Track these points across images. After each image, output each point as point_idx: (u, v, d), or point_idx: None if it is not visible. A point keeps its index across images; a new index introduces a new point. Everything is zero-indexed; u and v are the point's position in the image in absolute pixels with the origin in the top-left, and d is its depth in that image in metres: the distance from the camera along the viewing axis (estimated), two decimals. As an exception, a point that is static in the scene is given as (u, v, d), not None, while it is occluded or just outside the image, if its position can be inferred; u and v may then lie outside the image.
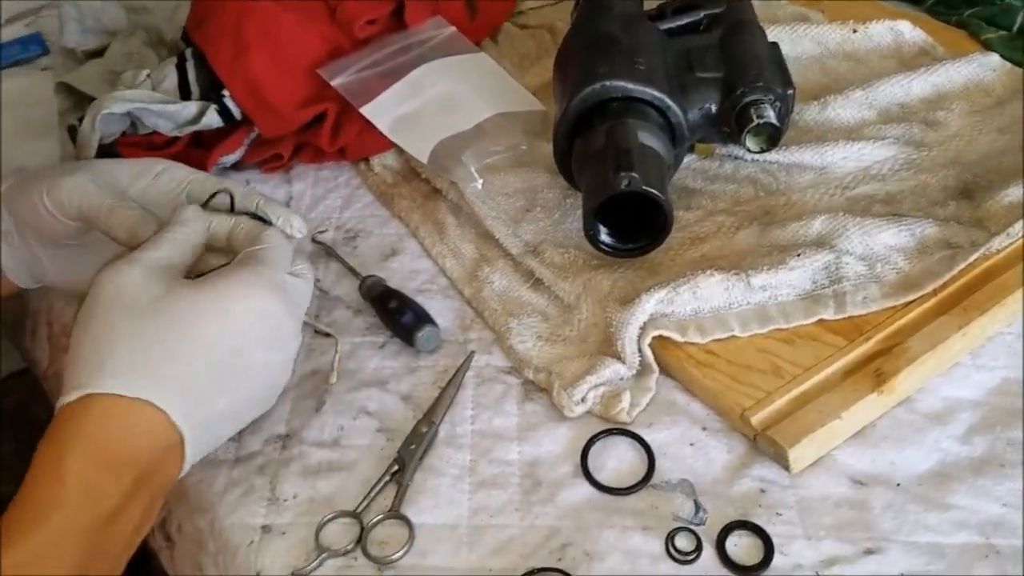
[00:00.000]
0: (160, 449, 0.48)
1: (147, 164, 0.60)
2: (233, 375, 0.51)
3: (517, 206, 0.71)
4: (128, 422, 0.47)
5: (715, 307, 0.59)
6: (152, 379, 0.48)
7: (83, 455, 0.46)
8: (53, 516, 0.45)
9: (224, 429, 0.53)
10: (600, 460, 0.55)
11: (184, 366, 0.49)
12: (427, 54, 0.80)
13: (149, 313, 0.49)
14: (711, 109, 0.66)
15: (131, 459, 0.47)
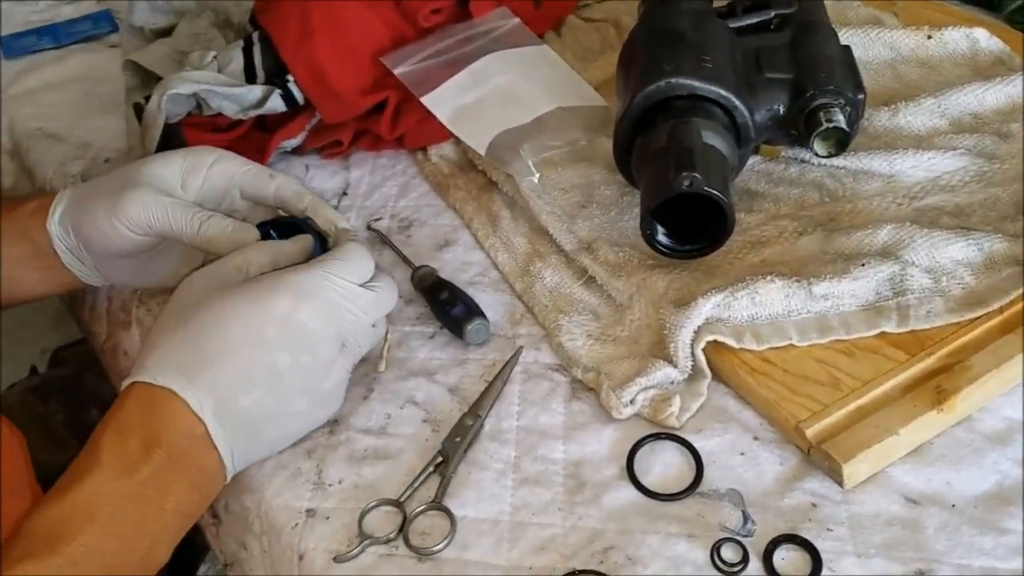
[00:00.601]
0: (186, 436, 0.51)
1: (199, 157, 0.62)
2: (256, 376, 0.52)
3: (573, 201, 0.70)
4: (155, 407, 0.51)
5: (773, 314, 0.58)
6: (180, 372, 0.51)
7: (116, 430, 0.50)
8: (87, 479, 0.48)
9: (264, 430, 0.54)
10: (646, 464, 0.54)
11: (209, 363, 0.51)
12: (490, 45, 0.79)
13: (189, 311, 0.52)
14: (779, 111, 0.64)
15: (158, 439, 0.50)
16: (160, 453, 0.50)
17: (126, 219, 0.58)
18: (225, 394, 0.51)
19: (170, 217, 0.58)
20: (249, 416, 0.52)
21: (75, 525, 0.47)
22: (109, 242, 0.60)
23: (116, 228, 0.58)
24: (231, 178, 0.62)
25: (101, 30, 0.98)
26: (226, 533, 0.60)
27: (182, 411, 0.51)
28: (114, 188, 0.60)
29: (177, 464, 0.50)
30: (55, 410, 0.84)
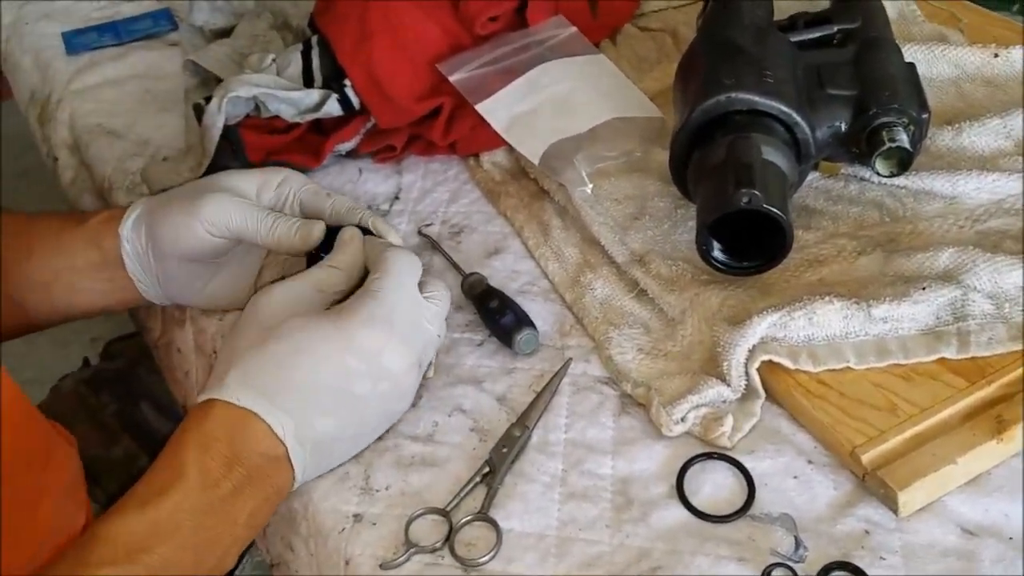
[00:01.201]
0: (266, 456, 0.53)
1: (269, 175, 0.65)
2: (336, 402, 0.54)
3: (626, 213, 0.70)
4: (238, 428, 0.52)
5: (830, 335, 0.57)
6: (262, 395, 0.52)
7: (199, 446, 0.51)
8: (173, 493, 0.50)
9: (335, 449, 0.56)
10: (696, 484, 0.53)
11: (292, 388, 0.53)
12: (546, 54, 0.79)
13: (274, 335, 0.54)
14: (840, 128, 0.63)
15: (239, 458, 0.52)
16: (240, 471, 0.51)
17: (204, 218, 0.60)
18: (305, 418, 0.53)
19: (246, 217, 0.60)
20: (325, 438, 0.54)
21: (156, 538, 0.49)
22: (181, 243, 0.61)
23: (192, 227, 0.60)
24: (295, 194, 0.64)
25: (161, 28, 0.99)
26: (273, 533, 0.60)
27: (264, 432, 0.52)
28: (193, 193, 0.62)
29: (255, 481, 0.52)
30: (107, 402, 0.86)
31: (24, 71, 1.00)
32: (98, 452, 0.81)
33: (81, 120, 0.89)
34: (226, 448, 0.51)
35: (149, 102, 0.89)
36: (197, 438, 0.52)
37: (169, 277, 0.65)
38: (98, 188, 0.84)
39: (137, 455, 0.86)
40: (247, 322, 0.55)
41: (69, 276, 0.65)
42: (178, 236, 0.61)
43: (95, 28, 1.01)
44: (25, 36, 1.03)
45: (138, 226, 0.64)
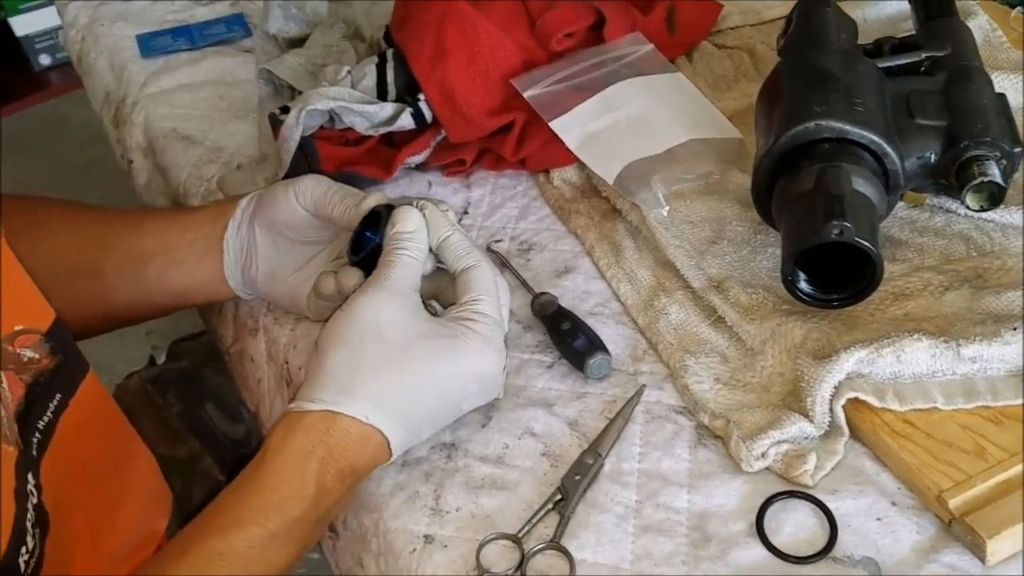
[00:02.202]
0: (374, 466, 0.55)
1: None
2: (445, 416, 0.57)
3: (702, 236, 0.68)
4: (361, 442, 0.53)
5: (917, 373, 0.55)
6: (387, 412, 0.54)
7: (322, 462, 0.52)
8: (294, 507, 0.51)
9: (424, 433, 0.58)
10: (777, 522, 0.52)
11: (411, 404, 0.55)
12: (622, 71, 0.78)
13: (396, 351, 0.54)
14: (930, 159, 0.62)
15: (353, 469, 0.54)
16: (350, 481, 0.54)
17: (301, 191, 0.62)
18: (416, 428, 0.56)
19: (335, 196, 0.62)
20: (426, 434, 0.58)
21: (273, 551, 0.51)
22: (275, 210, 0.63)
23: (289, 198, 0.63)
24: None
25: (234, 34, 1.00)
26: (343, 548, 0.60)
27: (381, 446, 0.54)
28: (289, 180, 0.65)
29: (356, 488, 0.55)
30: (172, 402, 0.87)
31: (99, 72, 1.02)
32: (163, 451, 0.82)
33: (156, 124, 0.90)
34: (343, 463, 0.53)
35: (223, 108, 0.89)
36: (319, 452, 0.52)
37: (260, 255, 0.65)
38: (173, 193, 0.85)
39: (200, 456, 0.87)
40: (359, 332, 0.54)
41: (173, 252, 0.66)
42: (275, 202, 0.63)
43: (169, 31, 1.02)
44: (101, 37, 1.04)
45: (250, 202, 0.66)
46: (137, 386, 0.89)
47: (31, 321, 0.54)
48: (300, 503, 0.51)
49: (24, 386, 0.52)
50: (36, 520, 0.51)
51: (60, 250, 0.65)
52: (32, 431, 0.53)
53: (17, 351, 0.52)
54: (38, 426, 0.53)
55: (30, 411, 0.53)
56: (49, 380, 0.54)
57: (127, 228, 0.67)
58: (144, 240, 0.66)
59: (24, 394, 0.52)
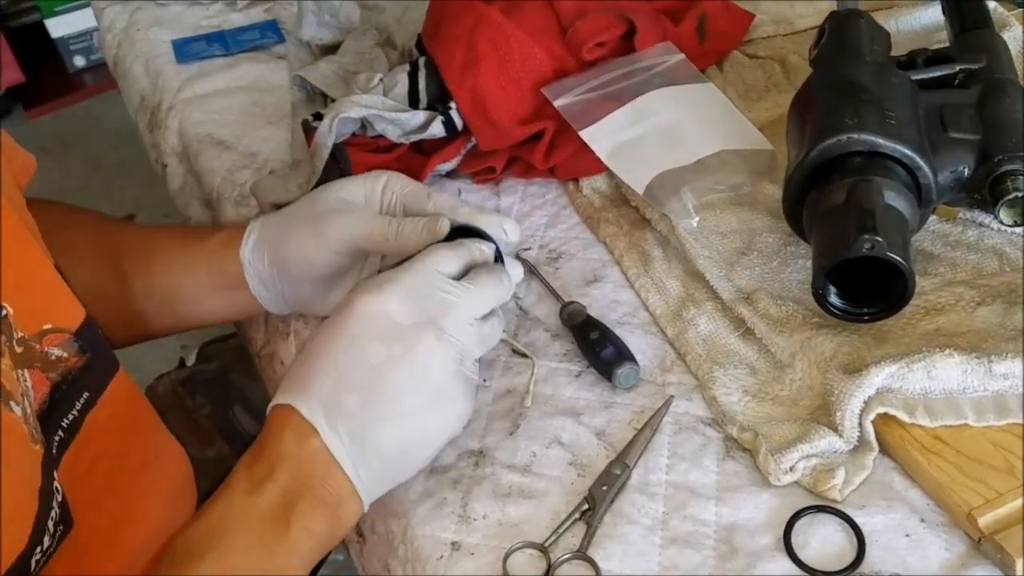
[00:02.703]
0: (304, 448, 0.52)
1: (371, 180, 0.64)
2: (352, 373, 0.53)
3: (732, 247, 0.68)
4: (276, 425, 0.53)
5: (947, 389, 0.55)
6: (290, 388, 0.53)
7: (249, 455, 0.53)
8: (220, 499, 0.51)
9: (381, 439, 0.53)
10: (804, 537, 0.52)
11: (313, 371, 0.53)
12: (652, 80, 0.78)
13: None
14: (963, 173, 0.61)
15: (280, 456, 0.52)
16: (283, 470, 0.51)
17: (333, 240, 0.61)
18: (330, 396, 0.52)
19: (371, 229, 0.60)
20: (361, 421, 0.52)
21: (208, 543, 0.49)
22: (309, 265, 0.63)
23: (321, 250, 0.61)
24: (397, 195, 0.64)
25: (268, 40, 1.01)
26: (370, 553, 0.61)
27: (297, 421, 0.52)
28: (312, 215, 0.63)
29: (301, 481, 0.51)
30: (201, 403, 0.88)
31: (135, 77, 1.03)
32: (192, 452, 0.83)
33: (190, 129, 0.91)
34: (268, 450, 0.52)
35: (256, 114, 0.90)
36: (251, 449, 0.53)
37: (295, 294, 0.66)
38: (206, 197, 0.86)
39: (228, 457, 0.88)
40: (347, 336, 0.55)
41: (193, 291, 0.67)
42: (308, 259, 0.62)
43: (204, 37, 1.03)
44: (137, 42, 1.06)
45: (259, 250, 0.65)
46: (167, 387, 0.90)
47: (60, 320, 0.54)
48: (227, 495, 0.51)
49: (50, 384, 0.53)
50: (60, 518, 0.51)
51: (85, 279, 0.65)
52: (55, 429, 0.53)
53: (45, 349, 0.53)
54: (62, 424, 0.54)
55: (55, 409, 0.53)
56: (77, 378, 0.55)
57: (137, 267, 0.68)
58: (155, 281, 0.67)
59: (49, 392, 0.53)
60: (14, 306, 0.50)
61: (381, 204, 0.64)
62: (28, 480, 0.49)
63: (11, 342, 0.50)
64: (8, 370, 0.49)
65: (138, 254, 0.68)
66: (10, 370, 0.49)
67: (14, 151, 0.63)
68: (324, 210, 0.62)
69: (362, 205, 0.64)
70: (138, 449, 0.63)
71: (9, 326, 0.50)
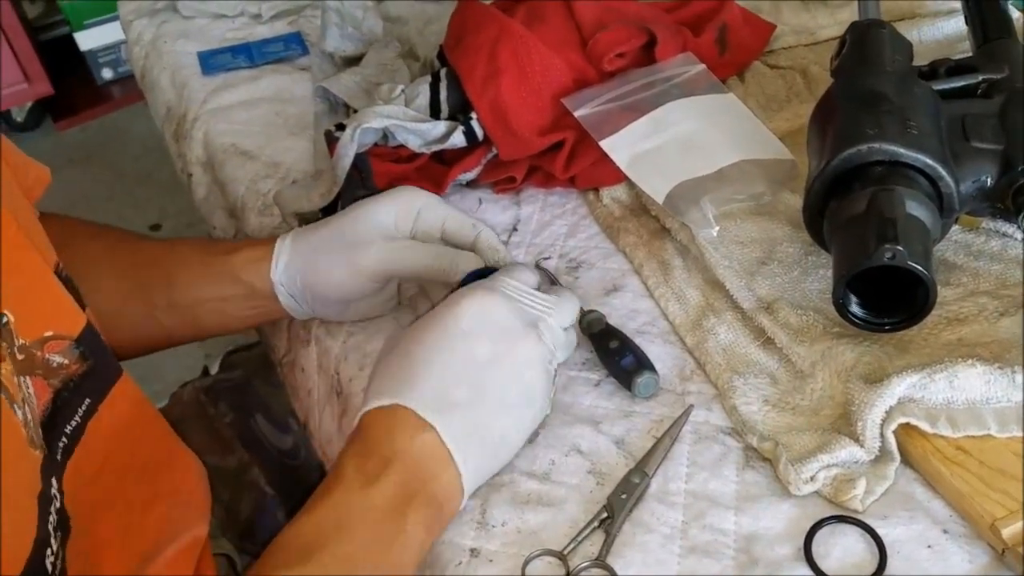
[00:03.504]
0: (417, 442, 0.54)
1: (408, 201, 0.66)
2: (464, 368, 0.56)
3: (752, 257, 0.68)
4: (387, 424, 0.54)
5: (970, 399, 0.55)
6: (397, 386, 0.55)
7: (357, 453, 0.54)
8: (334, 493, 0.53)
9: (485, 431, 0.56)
10: (825, 547, 0.52)
11: (420, 369, 0.55)
12: (673, 91, 0.78)
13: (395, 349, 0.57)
14: (986, 183, 0.61)
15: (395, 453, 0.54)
16: (398, 466, 0.52)
17: (368, 271, 0.64)
18: (439, 392, 0.54)
19: (415, 259, 0.63)
20: (469, 415, 0.54)
21: (323, 537, 0.50)
22: (343, 291, 0.65)
23: (355, 278, 0.64)
24: (438, 221, 0.66)
25: (292, 52, 1.03)
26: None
27: (407, 418, 0.54)
28: (344, 244, 0.64)
29: (416, 477, 0.53)
30: (224, 412, 0.88)
31: (161, 88, 1.05)
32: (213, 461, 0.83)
33: (215, 139, 0.92)
34: (381, 447, 0.53)
35: (280, 125, 0.92)
36: (354, 447, 0.54)
37: (326, 308, 0.68)
38: (230, 207, 0.87)
39: (249, 466, 0.88)
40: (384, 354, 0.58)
41: (217, 304, 0.68)
42: (342, 286, 0.65)
43: (229, 49, 1.05)
44: (164, 55, 1.07)
45: (290, 271, 0.66)
46: (190, 396, 0.90)
47: (61, 327, 0.54)
48: (339, 488, 0.52)
49: (52, 391, 0.53)
50: (58, 523, 0.51)
51: (105, 293, 0.66)
52: (59, 436, 0.53)
53: (46, 356, 0.53)
54: (65, 430, 0.54)
55: (57, 416, 0.53)
56: (78, 385, 0.55)
57: (158, 280, 0.69)
58: (177, 294, 0.68)
59: (51, 399, 0.53)
60: (15, 313, 0.50)
61: (415, 228, 0.65)
62: (26, 485, 0.49)
63: (12, 349, 0.50)
64: (9, 375, 0.49)
65: (159, 268, 0.69)
66: (11, 375, 0.49)
67: (27, 164, 0.64)
68: (357, 240, 0.64)
69: (391, 227, 0.65)
70: (144, 455, 0.63)
71: (10, 333, 0.50)
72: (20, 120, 2.51)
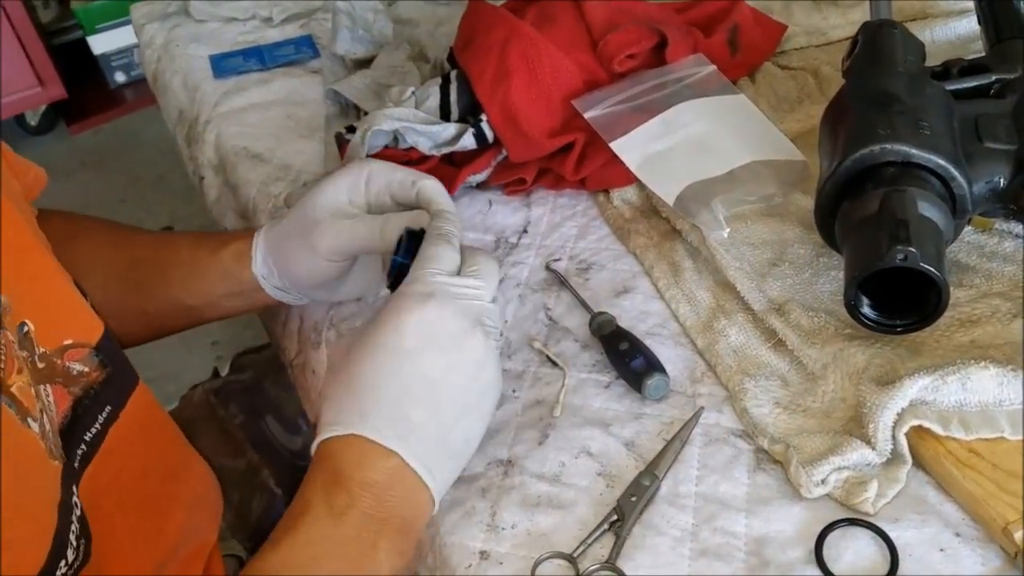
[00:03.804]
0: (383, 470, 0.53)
1: (354, 175, 0.64)
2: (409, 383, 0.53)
3: (763, 259, 0.68)
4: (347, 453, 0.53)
5: (983, 401, 0.54)
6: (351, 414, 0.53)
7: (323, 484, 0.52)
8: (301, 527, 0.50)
9: (447, 439, 0.54)
10: (836, 550, 0.51)
11: (371, 394, 0.53)
12: (683, 92, 0.78)
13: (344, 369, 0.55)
14: (999, 184, 0.61)
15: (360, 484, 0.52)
16: (365, 496, 0.51)
17: (324, 251, 0.63)
18: (397, 414, 0.52)
19: (356, 235, 0.62)
20: (431, 431, 0.53)
21: (293, 571, 0.49)
22: (313, 274, 0.65)
23: (316, 261, 0.63)
24: (384, 187, 0.64)
25: (303, 55, 1.03)
26: (398, 563, 0.61)
27: (367, 447, 0.52)
28: (302, 228, 0.64)
29: (383, 505, 0.51)
30: (234, 413, 0.89)
31: (174, 92, 1.05)
32: (224, 462, 0.83)
33: (227, 142, 0.92)
34: (347, 478, 0.51)
35: (291, 128, 0.92)
36: (321, 476, 0.52)
37: (312, 293, 0.69)
38: (242, 209, 0.87)
39: (259, 468, 0.88)
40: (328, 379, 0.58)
41: (211, 298, 0.69)
42: (309, 271, 0.64)
43: (241, 52, 1.05)
44: (176, 58, 1.08)
45: (267, 265, 0.67)
46: (201, 397, 0.91)
47: (80, 335, 0.55)
48: (307, 521, 0.50)
49: (72, 399, 0.53)
50: (81, 531, 0.51)
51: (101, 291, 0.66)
52: (78, 443, 0.53)
53: (66, 365, 0.53)
54: (84, 438, 0.54)
55: (77, 423, 0.53)
56: (98, 392, 0.55)
57: (152, 276, 0.69)
58: (172, 289, 0.69)
59: (71, 407, 0.53)
60: (36, 322, 0.50)
61: (367, 199, 0.64)
62: (47, 496, 0.49)
63: (33, 358, 0.50)
64: (26, 387, 0.49)
65: (152, 266, 0.70)
66: (28, 387, 0.49)
67: (26, 165, 0.64)
68: (312, 221, 0.63)
69: (346, 206, 0.64)
70: (159, 462, 0.63)
71: (31, 342, 0.50)
72: (34, 124, 2.52)
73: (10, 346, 0.48)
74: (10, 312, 0.49)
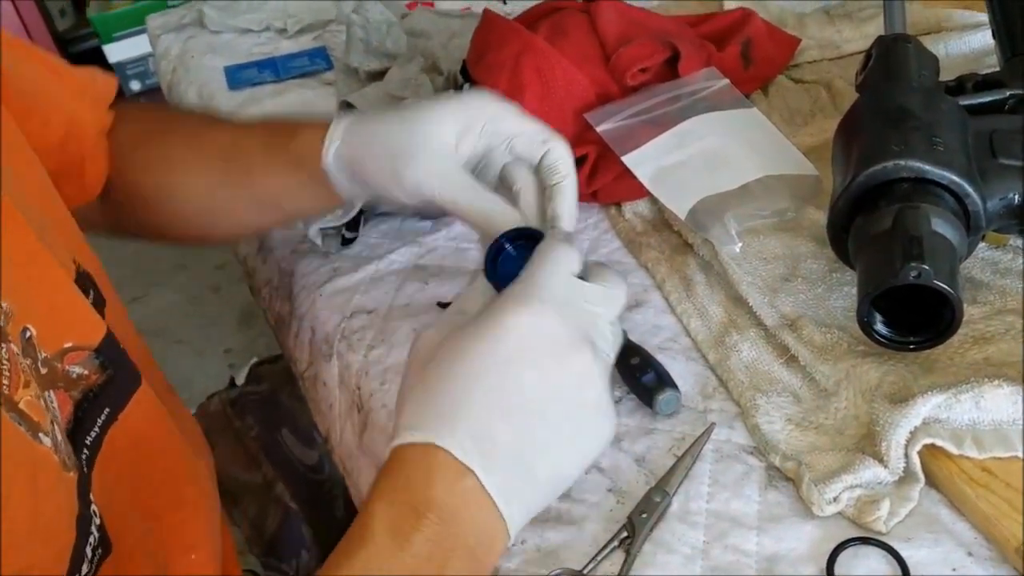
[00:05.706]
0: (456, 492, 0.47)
1: (471, 111, 0.57)
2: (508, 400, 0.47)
3: (776, 273, 0.68)
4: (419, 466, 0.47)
5: (996, 420, 0.54)
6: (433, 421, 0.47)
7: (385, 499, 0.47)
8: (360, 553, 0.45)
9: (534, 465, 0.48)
10: (847, 569, 0.51)
11: (459, 401, 0.47)
12: (696, 106, 0.78)
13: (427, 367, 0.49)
14: (1014, 200, 0.60)
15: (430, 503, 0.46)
16: (432, 519, 0.45)
17: (408, 186, 0.56)
18: (482, 429, 0.46)
19: (452, 195, 0.55)
20: (516, 454, 0.46)
21: None
22: (388, 194, 0.59)
23: (397, 190, 0.57)
24: (503, 140, 0.58)
25: (317, 67, 1.04)
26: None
27: (445, 461, 0.46)
28: (391, 149, 0.57)
29: (452, 532, 0.45)
30: (250, 425, 0.89)
31: (188, 102, 1.06)
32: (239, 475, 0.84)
33: (241, 153, 0.93)
34: (411, 494, 0.45)
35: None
36: (383, 489, 0.46)
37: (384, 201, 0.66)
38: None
39: (275, 481, 0.89)
40: (408, 371, 0.50)
41: (291, 191, 0.64)
42: (387, 191, 0.58)
43: (256, 64, 1.06)
44: (191, 69, 1.09)
45: (339, 160, 0.60)
46: (217, 408, 0.91)
47: (81, 338, 0.53)
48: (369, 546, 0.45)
49: (72, 403, 0.52)
50: (99, 542, 0.50)
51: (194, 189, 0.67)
52: (80, 448, 0.52)
53: (67, 368, 0.51)
54: (85, 442, 0.53)
55: (79, 428, 0.52)
56: (98, 395, 0.53)
57: (238, 168, 0.66)
58: (257, 183, 0.65)
59: (72, 411, 0.51)
60: (37, 326, 0.49)
61: (475, 146, 0.57)
62: (64, 511, 0.48)
63: (36, 364, 0.49)
64: (35, 400, 0.47)
65: (235, 160, 0.66)
66: (36, 399, 0.47)
67: (88, 77, 0.67)
68: (406, 146, 0.56)
69: (448, 145, 0.56)
70: (163, 464, 0.62)
71: (34, 348, 0.48)
72: (51, 131, 2.54)
73: (14, 359, 0.47)
74: (12, 318, 0.48)
